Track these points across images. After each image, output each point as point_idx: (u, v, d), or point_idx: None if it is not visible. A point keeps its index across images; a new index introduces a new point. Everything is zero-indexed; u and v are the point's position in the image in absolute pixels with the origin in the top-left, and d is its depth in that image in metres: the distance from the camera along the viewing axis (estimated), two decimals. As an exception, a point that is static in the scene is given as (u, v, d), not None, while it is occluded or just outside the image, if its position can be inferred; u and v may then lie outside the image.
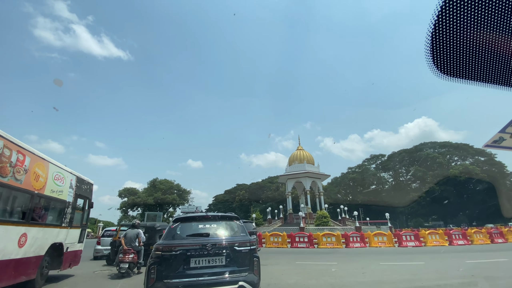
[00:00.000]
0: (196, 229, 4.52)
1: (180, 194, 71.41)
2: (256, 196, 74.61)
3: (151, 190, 68.32)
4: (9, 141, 5.06)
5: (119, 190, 70.11)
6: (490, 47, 1.06)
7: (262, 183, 75.54)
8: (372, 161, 62.70)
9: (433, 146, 56.98)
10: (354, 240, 17.02)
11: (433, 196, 51.54)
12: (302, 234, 17.51)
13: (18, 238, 5.30)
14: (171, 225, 4.63)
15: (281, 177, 40.11)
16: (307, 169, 36.70)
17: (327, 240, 16.86)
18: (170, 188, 69.76)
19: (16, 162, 5.23)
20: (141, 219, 65.24)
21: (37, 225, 6.01)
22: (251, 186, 76.04)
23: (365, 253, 13.83)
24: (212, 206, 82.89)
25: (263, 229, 33.30)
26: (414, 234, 17.24)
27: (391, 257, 12.14)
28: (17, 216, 5.47)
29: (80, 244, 8.52)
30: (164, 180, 71.71)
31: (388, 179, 63.95)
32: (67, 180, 7.50)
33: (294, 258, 12.17)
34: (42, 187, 6.15)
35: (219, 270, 4.02)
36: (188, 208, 71.18)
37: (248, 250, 4.32)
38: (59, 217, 7.11)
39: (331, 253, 14.21)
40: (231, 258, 4.15)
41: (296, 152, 39.93)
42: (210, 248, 4.10)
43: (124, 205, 68.71)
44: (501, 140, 1.79)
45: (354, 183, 62.07)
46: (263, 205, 65.48)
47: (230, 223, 4.81)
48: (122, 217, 74.27)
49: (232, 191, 79.55)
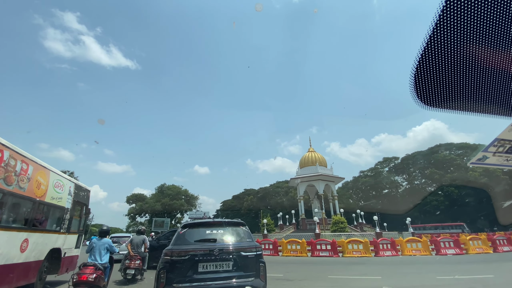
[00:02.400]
0: (204, 235, 4.54)
1: (188, 200, 69.74)
2: (265, 201, 72.24)
3: (159, 196, 66.85)
4: (14, 151, 5.26)
5: (127, 196, 68.89)
6: (472, 80, 1.17)
7: (270, 188, 73.19)
8: (385, 164, 59.69)
9: (450, 147, 53.85)
10: (384, 247, 14.70)
11: (451, 199, 48.35)
12: (324, 241, 15.29)
13: (20, 244, 5.44)
14: (179, 231, 4.67)
15: (291, 181, 37.80)
16: (319, 171, 34.38)
17: (353, 248, 14.58)
18: (178, 194, 68.17)
19: (20, 171, 5.42)
20: (149, 225, 63.81)
21: (38, 231, 6.13)
22: (259, 191, 73.78)
23: (403, 264, 11.56)
24: (220, 212, 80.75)
25: (275, 236, 31.01)
26: (453, 240, 14.82)
27: (439, 268, 9.85)
28: (20, 222, 5.65)
29: (77, 249, 8.55)
30: (171, 185, 70.19)
31: (402, 182, 60.84)
32: (66, 187, 7.59)
33: (322, 270, 10.03)
34: (43, 194, 6.30)
35: (226, 275, 4.07)
36: (196, 214, 69.35)
37: (254, 256, 4.35)
38: (58, 223, 7.22)
39: (362, 263, 11.96)
40: (237, 263, 4.18)
41: (307, 154, 37.69)
42: (218, 253, 4.15)
43: (132, 211, 67.41)
44: (485, 158, 1.95)
45: (366, 187, 59.10)
46: (272, 210, 63.08)
47: (236, 229, 4.83)
48: (130, 223, 72.90)
49: (240, 197, 77.44)
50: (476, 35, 0.99)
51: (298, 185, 37.17)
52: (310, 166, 35.78)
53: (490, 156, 1.89)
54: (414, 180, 58.20)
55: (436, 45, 1.03)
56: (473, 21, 0.94)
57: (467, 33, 0.98)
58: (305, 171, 35.93)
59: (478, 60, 1.08)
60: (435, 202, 50.21)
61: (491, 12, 0.93)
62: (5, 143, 5.07)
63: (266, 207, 68.98)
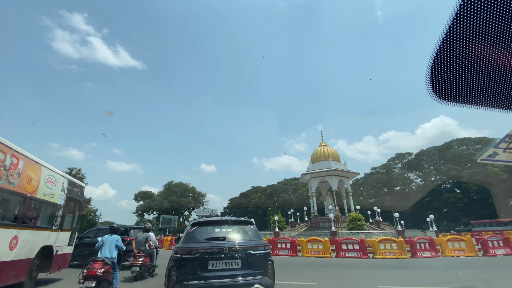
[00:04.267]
0: (213, 233, 4.44)
1: (195, 197, 68.34)
2: (273, 198, 70.27)
3: (167, 193, 65.57)
4: (3, 145, 5.04)
5: (135, 194, 67.88)
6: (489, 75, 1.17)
7: (278, 185, 71.16)
8: (397, 160, 56.86)
9: (467, 142, 50.74)
10: (422, 247, 12.53)
11: (469, 196, 45.46)
12: (351, 240, 13.17)
13: (10, 241, 5.23)
14: (189, 229, 4.56)
15: (303, 176, 35.59)
16: (333, 166, 32.14)
17: (386, 248, 12.45)
18: (185, 191, 66.80)
19: (10, 166, 5.19)
20: (157, 222, 62.58)
21: (28, 228, 5.92)
22: (266, 188, 71.84)
23: (453, 267, 9.41)
24: (228, 210, 79.14)
25: (286, 234, 28.98)
26: (503, 239, 12.55)
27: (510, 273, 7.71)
28: (9, 219, 5.41)
29: (69, 247, 8.25)
30: (179, 183, 68.87)
31: (415, 179, 57.99)
32: (59, 183, 7.30)
33: (361, 276, 7.98)
34: (34, 190, 6.05)
35: (235, 272, 4.00)
36: (204, 211, 67.79)
37: (263, 254, 4.28)
38: (50, 220, 6.93)
39: (403, 266, 9.86)
40: (246, 261, 4.12)
41: (319, 149, 35.45)
42: (227, 251, 4.08)
43: (140, 208, 66.33)
44: (495, 154, 1.95)
45: (378, 184, 56.44)
46: (280, 208, 61.07)
47: (244, 227, 4.76)
48: (139, 221, 71.89)
49: (248, 194, 75.64)
50: (494, 30, 0.99)
51: (310, 181, 35.02)
52: (323, 161, 33.58)
53: (500, 152, 1.90)
54: (428, 176, 55.32)
55: (453, 39, 1.04)
56: (491, 16, 0.94)
57: (485, 28, 0.98)
58: (317, 166, 33.76)
59: (495, 55, 1.06)
60: (452, 199, 47.33)
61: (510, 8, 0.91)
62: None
63: (274, 204, 67.02)
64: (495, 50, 1.06)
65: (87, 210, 43.69)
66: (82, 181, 44.58)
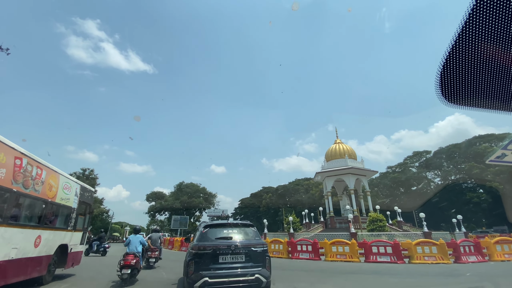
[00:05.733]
0: (222, 234, 5.23)
1: (206, 198, 67.45)
2: (284, 199, 68.54)
3: (178, 193, 64.99)
4: (31, 158, 5.74)
5: (147, 194, 67.68)
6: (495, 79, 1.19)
7: (290, 185, 69.31)
8: (415, 159, 54.12)
9: (490, 139, 47.56)
10: (467, 251, 10.85)
11: (495, 196, 42.44)
12: (382, 243, 11.60)
13: (35, 240, 5.92)
14: (202, 230, 5.27)
15: (317, 175, 33.85)
16: (349, 164, 30.35)
17: (424, 252, 10.82)
18: (196, 192, 66.03)
19: (36, 176, 5.88)
20: (168, 223, 62.08)
21: (49, 229, 6.59)
22: (278, 189, 70.13)
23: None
24: (239, 210, 77.94)
25: (301, 235, 27.42)
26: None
27: None
28: (34, 220, 6.08)
29: (81, 245, 8.92)
30: (190, 183, 68.16)
31: (434, 178, 55.03)
32: (73, 188, 8.01)
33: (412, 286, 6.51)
34: (54, 196, 6.73)
35: (240, 265, 4.80)
36: (215, 212, 66.79)
37: (262, 251, 5.04)
38: (66, 221, 7.62)
39: (454, 274, 8.27)
40: (249, 256, 4.90)
41: (334, 146, 33.68)
42: (233, 248, 4.88)
43: (152, 209, 66.02)
44: (503, 156, 1.98)
45: (394, 183, 53.84)
46: (292, 208, 59.34)
47: (246, 229, 5.51)
48: (151, 221, 71.72)
49: (258, 195, 74.18)
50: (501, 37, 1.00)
51: (325, 180, 33.29)
52: (338, 159, 31.81)
53: (509, 154, 1.91)
54: (448, 175, 52.29)
55: (463, 44, 1.04)
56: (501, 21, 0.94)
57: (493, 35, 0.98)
58: (332, 164, 32.00)
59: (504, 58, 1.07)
60: (475, 199, 44.37)
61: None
62: (24, 152, 5.49)
63: (286, 205, 65.31)
64: (504, 53, 1.07)
65: (100, 210, 43.49)
66: (95, 181, 44.49)
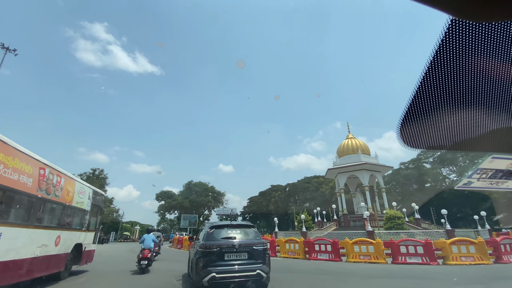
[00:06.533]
0: (227, 234, 5.67)
1: (214, 197, 66.93)
2: (293, 197, 67.30)
3: (187, 192, 64.65)
4: (52, 168, 6.46)
5: (156, 194, 67.53)
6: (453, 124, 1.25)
7: (299, 183, 67.95)
8: (429, 154, 51.97)
9: (509, 132, 45.23)
10: (508, 250, 9.59)
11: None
12: (412, 242, 10.41)
13: (55, 239, 6.62)
14: (208, 231, 5.67)
15: (329, 172, 32.56)
16: (363, 159, 28.98)
17: (460, 252, 9.60)
18: (205, 191, 65.53)
19: (56, 183, 6.60)
20: (178, 222, 61.82)
21: (67, 229, 7.28)
22: (287, 187, 68.91)
23: None
24: (247, 209, 77.06)
25: (315, 234, 26.31)
26: None
27: None
28: (55, 222, 6.75)
29: (94, 244, 9.71)
30: (198, 182, 67.72)
31: (449, 174, 52.81)
32: (87, 193, 8.76)
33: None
34: (71, 200, 7.45)
35: (243, 262, 5.24)
36: (223, 210, 66.22)
37: (262, 249, 5.52)
38: (81, 223, 8.31)
39: (498, 276, 7.09)
40: (251, 254, 5.37)
41: (346, 141, 32.30)
42: (237, 247, 5.32)
43: (161, 208, 65.91)
44: (470, 183, 2.23)
45: (407, 180, 51.87)
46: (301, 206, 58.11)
47: (248, 229, 6.00)
48: (161, 220, 71.71)
49: (267, 193, 73.10)
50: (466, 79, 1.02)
51: (337, 177, 31.98)
52: (351, 155, 30.47)
53: (475, 181, 2.18)
54: (464, 171, 50.01)
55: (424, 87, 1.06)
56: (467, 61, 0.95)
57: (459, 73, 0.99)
58: (344, 160, 30.69)
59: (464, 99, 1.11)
60: (495, 194, 42.13)
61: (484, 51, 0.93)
62: (46, 162, 6.22)
63: (295, 203, 64.10)
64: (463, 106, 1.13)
65: (110, 210, 43.43)
66: (105, 181, 44.56)
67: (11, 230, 5.06)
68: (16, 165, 5.12)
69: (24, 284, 5.67)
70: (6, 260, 4.85)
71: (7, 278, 4.94)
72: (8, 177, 4.88)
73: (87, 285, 7.03)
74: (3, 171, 4.75)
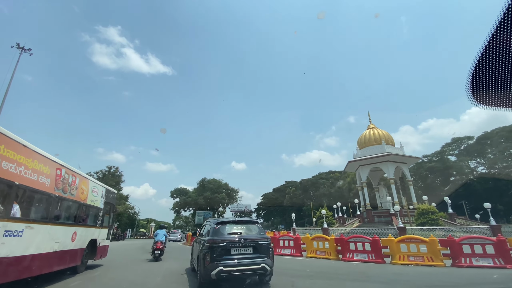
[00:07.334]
0: (232, 229, 5.80)
1: (228, 194, 65.76)
2: (308, 193, 65.04)
3: (201, 189, 63.87)
4: (67, 168, 6.83)
5: (171, 191, 67.23)
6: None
7: (313, 179, 65.62)
8: (454, 146, 48.29)
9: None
10: None
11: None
12: (478, 240, 8.34)
13: (72, 235, 6.98)
14: (214, 227, 5.82)
15: (350, 164, 30.22)
16: (387, 150, 26.59)
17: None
18: (219, 188, 64.47)
19: (71, 182, 6.97)
20: (193, 218, 61.23)
21: (82, 226, 7.63)
22: (301, 182, 66.73)
23: None
24: (261, 205, 75.52)
25: (337, 230, 24.32)
26: None
27: None
28: (71, 219, 7.12)
29: (107, 240, 10.10)
30: (212, 179, 66.72)
31: (476, 167, 48.92)
32: (100, 191, 9.13)
33: None
34: (85, 198, 7.84)
35: (248, 256, 5.39)
36: (238, 207, 64.93)
37: (266, 244, 5.62)
38: (95, 220, 8.72)
39: None
40: (255, 248, 5.50)
41: (368, 132, 29.89)
42: (243, 242, 5.46)
43: (176, 205, 65.57)
44: None
45: (431, 173, 48.50)
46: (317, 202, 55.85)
47: (252, 225, 6.13)
48: (176, 217, 71.53)
49: (281, 189, 71.25)
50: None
51: (359, 170, 29.66)
52: (373, 146, 28.12)
53: None
54: (493, 163, 46.10)
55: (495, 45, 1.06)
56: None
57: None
58: (366, 151, 28.36)
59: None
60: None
61: None
62: (62, 163, 6.57)
63: (311, 199, 61.87)
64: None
65: (125, 207, 43.11)
66: (120, 178, 44.35)
67: (32, 226, 5.32)
68: (35, 166, 5.45)
69: (44, 276, 6.06)
70: (27, 254, 5.12)
71: (29, 271, 5.21)
72: (28, 178, 5.20)
73: (103, 278, 7.44)
74: (24, 172, 5.07)
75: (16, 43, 21.68)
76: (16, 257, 4.78)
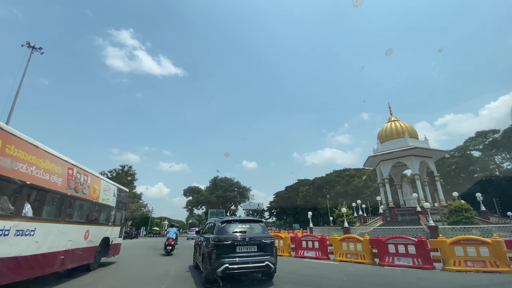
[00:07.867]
0: (237, 228, 5.91)
1: (240, 192, 65.02)
2: (322, 191, 63.24)
3: (213, 188, 63.47)
4: (79, 168, 6.91)
5: (184, 189, 67.20)
6: None
7: (328, 177, 63.76)
8: (478, 141, 45.38)
9: None
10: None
11: None
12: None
13: (84, 233, 7.07)
14: (220, 225, 5.92)
15: (370, 160, 28.50)
16: (411, 144, 24.80)
17: None
18: (231, 186, 63.87)
19: (83, 182, 7.04)
20: (206, 216, 60.88)
21: (94, 224, 7.73)
22: (315, 181, 64.97)
23: None
24: (274, 204, 74.25)
25: (358, 230, 22.81)
26: None
27: None
28: (83, 218, 7.20)
29: (120, 238, 10.25)
30: (224, 178, 66.16)
31: (502, 163, 45.80)
32: (112, 190, 9.27)
33: None
34: (97, 197, 7.95)
35: (253, 254, 5.51)
36: (250, 205, 64.06)
37: (270, 242, 5.76)
38: (107, 218, 8.84)
39: None
40: (260, 247, 5.64)
41: (389, 125, 28.08)
42: (248, 240, 5.57)
43: (189, 204, 65.46)
44: None
45: (453, 170, 45.76)
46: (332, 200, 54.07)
47: (257, 224, 6.26)
48: (189, 215, 71.49)
49: (294, 187, 69.79)
50: None
51: (380, 165, 27.94)
52: (396, 139, 26.35)
53: None
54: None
55: None
56: None
57: None
58: (388, 146, 26.62)
59: None
60: None
61: None
62: (74, 163, 6.62)
63: (324, 197, 60.07)
64: None
65: (138, 205, 43.04)
66: (133, 177, 44.33)
67: (44, 225, 5.38)
68: (47, 166, 5.47)
69: (58, 274, 6.18)
70: (40, 253, 5.14)
71: (42, 269, 5.26)
72: (40, 178, 5.21)
73: (115, 275, 7.46)
74: (35, 172, 5.06)
75: (27, 41, 21.42)
76: (28, 256, 4.78)
